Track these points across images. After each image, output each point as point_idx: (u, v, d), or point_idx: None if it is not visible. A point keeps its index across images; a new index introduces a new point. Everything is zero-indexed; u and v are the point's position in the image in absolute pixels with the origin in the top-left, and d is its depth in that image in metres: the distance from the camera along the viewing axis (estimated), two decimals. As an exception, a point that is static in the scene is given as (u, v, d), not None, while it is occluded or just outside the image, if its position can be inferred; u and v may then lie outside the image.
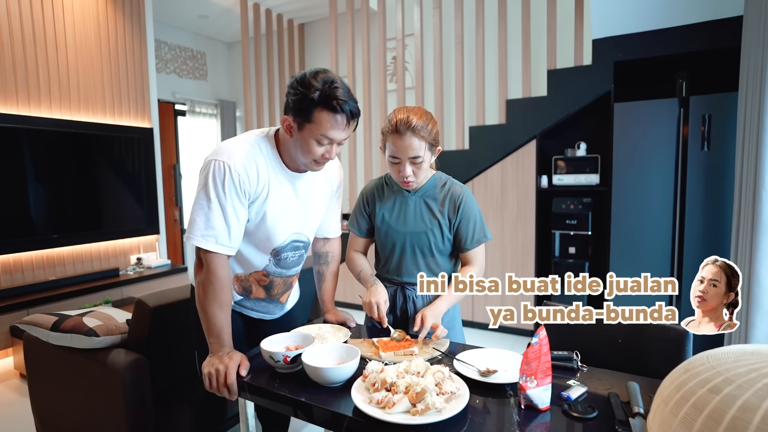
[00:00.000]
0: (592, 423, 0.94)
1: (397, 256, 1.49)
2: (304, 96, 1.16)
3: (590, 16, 3.06)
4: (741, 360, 0.52)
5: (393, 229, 1.48)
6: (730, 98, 2.61)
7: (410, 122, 1.31)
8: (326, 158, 1.25)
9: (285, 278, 1.46)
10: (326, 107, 1.16)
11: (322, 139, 1.20)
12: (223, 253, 1.23)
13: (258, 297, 1.44)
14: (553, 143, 3.63)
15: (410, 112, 1.34)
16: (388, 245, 1.50)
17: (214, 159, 1.20)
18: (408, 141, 1.32)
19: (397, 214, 1.48)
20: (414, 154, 1.34)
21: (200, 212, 1.20)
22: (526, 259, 3.48)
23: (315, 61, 5.33)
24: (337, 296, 4.32)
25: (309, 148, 1.21)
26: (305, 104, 1.16)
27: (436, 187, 1.48)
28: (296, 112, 1.19)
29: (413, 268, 1.48)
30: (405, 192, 1.48)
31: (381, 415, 0.93)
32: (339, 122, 1.19)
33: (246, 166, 1.22)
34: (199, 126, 5.59)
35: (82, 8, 3.49)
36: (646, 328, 1.31)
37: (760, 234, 2.27)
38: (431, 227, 1.45)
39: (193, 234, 1.21)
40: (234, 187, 1.20)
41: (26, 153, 3.16)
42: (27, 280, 3.25)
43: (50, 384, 1.91)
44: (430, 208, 1.46)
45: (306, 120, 1.18)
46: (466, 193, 1.46)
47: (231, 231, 1.22)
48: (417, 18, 3.84)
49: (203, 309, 1.23)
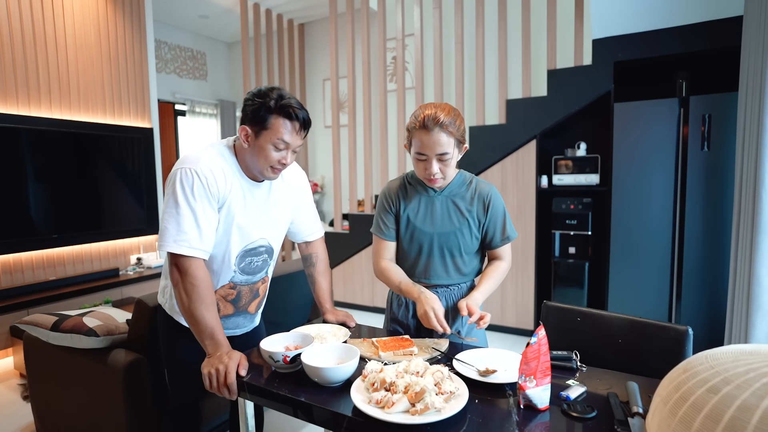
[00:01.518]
0: (591, 423, 0.94)
1: (425, 259, 1.45)
2: (261, 105, 1.24)
3: (590, 16, 3.06)
4: (740, 360, 0.52)
5: (420, 231, 1.44)
6: (730, 98, 2.61)
7: (438, 118, 1.29)
8: (282, 164, 1.29)
9: (251, 285, 1.45)
10: (281, 114, 1.24)
11: (279, 143, 1.25)
12: (197, 257, 1.24)
13: (227, 314, 1.44)
14: (553, 143, 3.63)
15: (437, 108, 1.32)
16: (414, 247, 1.46)
17: (180, 167, 1.23)
18: (436, 137, 1.29)
19: (423, 214, 1.44)
20: (442, 150, 1.31)
21: (171, 219, 1.22)
22: (526, 259, 3.48)
23: (315, 61, 5.33)
24: (336, 296, 4.33)
25: (266, 154, 1.26)
26: (262, 112, 1.24)
27: (462, 185, 1.45)
28: (253, 121, 1.26)
29: (441, 270, 1.45)
30: (431, 191, 1.45)
31: (380, 414, 0.93)
32: (293, 128, 1.26)
33: (212, 169, 1.25)
34: (199, 126, 5.59)
35: (82, 8, 3.49)
36: (645, 328, 1.31)
37: (760, 234, 2.26)
38: (460, 227, 1.42)
39: (165, 241, 1.21)
40: (203, 190, 1.23)
41: (26, 153, 3.16)
42: (27, 280, 3.25)
43: (50, 384, 1.92)
44: (459, 208, 1.43)
45: (262, 127, 1.25)
46: (494, 192, 1.45)
47: (202, 234, 1.23)
48: (417, 18, 3.84)
49: (191, 314, 1.22)
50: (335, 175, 4.36)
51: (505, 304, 3.59)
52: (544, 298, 3.48)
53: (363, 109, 4.22)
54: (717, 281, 2.72)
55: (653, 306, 2.90)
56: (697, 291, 2.78)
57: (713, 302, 2.74)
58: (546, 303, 1.52)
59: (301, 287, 2.23)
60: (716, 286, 2.73)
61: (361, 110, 4.68)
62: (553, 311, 1.49)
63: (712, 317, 2.75)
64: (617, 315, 1.38)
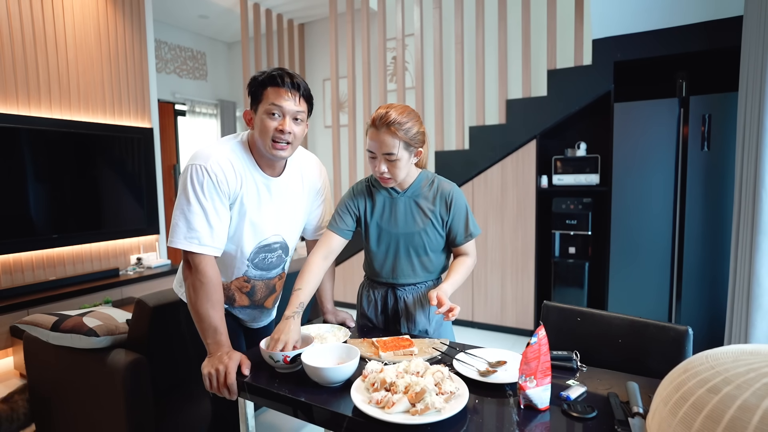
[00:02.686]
0: (591, 423, 0.94)
1: (391, 259, 1.47)
2: (253, 82, 1.28)
3: (590, 16, 3.06)
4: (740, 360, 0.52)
5: (385, 232, 1.45)
6: (730, 98, 2.61)
7: (387, 118, 1.29)
8: (281, 131, 1.24)
9: (266, 281, 1.45)
10: (271, 83, 1.26)
11: (271, 108, 1.25)
12: (208, 254, 1.24)
13: (242, 305, 1.44)
14: (553, 143, 3.63)
15: (392, 108, 1.32)
16: (381, 249, 1.47)
17: (192, 164, 1.23)
18: (382, 137, 1.30)
19: (388, 215, 1.45)
20: (387, 150, 1.30)
21: (181, 216, 1.22)
22: (526, 258, 3.48)
23: (315, 61, 5.33)
24: (336, 296, 4.33)
25: (264, 125, 1.25)
26: (255, 88, 1.27)
27: (423, 186, 1.46)
28: (252, 101, 1.29)
29: (408, 269, 1.46)
30: (393, 192, 1.45)
31: (380, 414, 0.93)
32: (286, 93, 1.25)
33: (222, 166, 1.24)
34: (199, 126, 5.59)
35: (82, 8, 3.49)
36: (645, 328, 1.31)
37: (760, 234, 2.26)
38: (424, 227, 1.43)
39: (176, 238, 1.22)
40: (214, 188, 1.22)
41: (26, 153, 3.16)
42: (27, 280, 3.25)
43: (50, 384, 1.92)
44: (421, 208, 1.44)
45: (258, 102, 1.27)
46: (455, 190, 1.45)
47: (214, 231, 1.23)
48: (417, 18, 3.84)
49: (196, 311, 1.23)
50: (335, 175, 4.36)
51: (505, 304, 3.59)
52: (544, 298, 3.48)
53: (363, 109, 4.22)
54: (717, 281, 2.72)
55: (653, 306, 2.90)
56: (697, 291, 2.78)
57: (713, 302, 2.74)
58: (546, 303, 1.52)
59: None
60: (716, 286, 2.73)
61: (361, 110, 4.68)
62: (553, 311, 1.49)
63: (712, 317, 2.75)
64: (617, 315, 1.38)
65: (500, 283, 3.59)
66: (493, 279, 3.62)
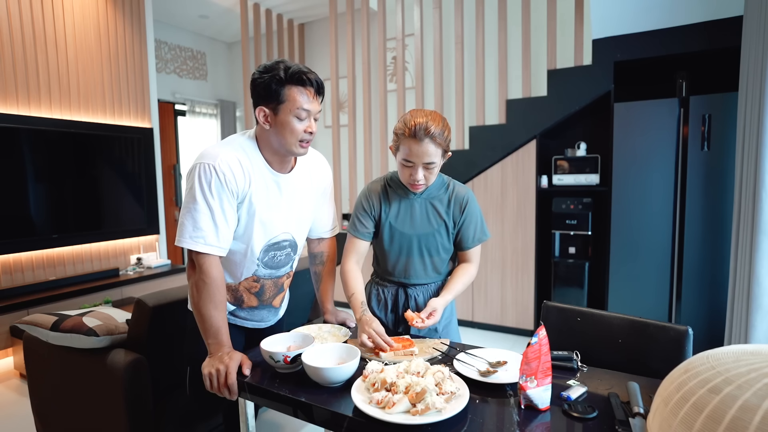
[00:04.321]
0: (592, 423, 0.94)
1: (404, 259, 1.49)
2: (271, 79, 1.21)
3: (590, 16, 3.06)
4: (741, 360, 0.52)
5: (400, 232, 1.48)
6: (730, 98, 2.61)
7: (429, 129, 1.31)
8: (309, 132, 1.26)
9: (275, 279, 1.45)
10: (294, 82, 1.21)
11: (300, 113, 1.23)
12: (213, 254, 1.23)
13: (251, 305, 1.44)
14: (553, 143, 3.63)
15: (428, 117, 1.33)
16: (395, 249, 1.49)
17: (200, 162, 1.22)
18: (425, 147, 1.32)
19: (403, 216, 1.48)
20: (429, 159, 1.34)
21: (188, 215, 1.22)
22: (526, 258, 3.48)
23: (315, 61, 5.32)
24: (337, 296, 4.33)
25: (291, 127, 1.24)
26: (274, 86, 1.21)
27: (441, 188, 1.49)
28: (267, 98, 1.23)
29: (421, 269, 1.49)
30: (411, 194, 1.48)
31: (381, 415, 0.93)
32: (309, 94, 1.24)
33: (230, 165, 1.23)
34: (199, 126, 5.59)
35: (82, 8, 3.49)
36: (645, 328, 1.31)
37: (760, 234, 2.26)
38: (438, 228, 1.46)
39: (183, 237, 1.21)
40: (221, 187, 1.21)
41: (26, 153, 3.16)
42: (27, 280, 3.25)
43: (50, 384, 1.91)
44: (437, 210, 1.47)
45: (279, 102, 1.22)
46: (470, 195, 1.49)
47: (219, 231, 1.23)
48: (417, 18, 3.84)
49: (199, 310, 1.23)
50: (335, 175, 4.36)
51: (505, 304, 3.59)
52: (544, 298, 3.48)
53: (363, 109, 4.21)
54: (717, 281, 2.72)
55: (653, 306, 2.90)
56: (697, 291, 2.78)
57: (713, 302, 2.74)
58: (546, 303, 1.52)
59: (302, 287, 2.23)
60: (716, 286, 2.73)
61: (361, 110, 4.67)
62: (553, 311, 1.49)
63: (712, 317, 2.75)
64: (617, 315, 1.38)
65: (500, 283, 3.59)
66: (494, 279, 3.62)
